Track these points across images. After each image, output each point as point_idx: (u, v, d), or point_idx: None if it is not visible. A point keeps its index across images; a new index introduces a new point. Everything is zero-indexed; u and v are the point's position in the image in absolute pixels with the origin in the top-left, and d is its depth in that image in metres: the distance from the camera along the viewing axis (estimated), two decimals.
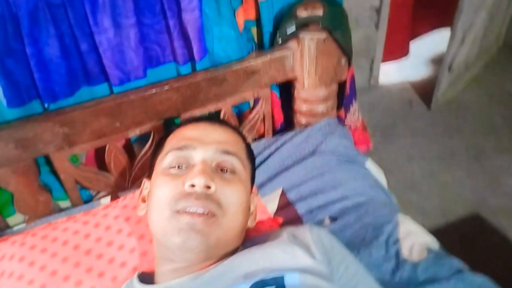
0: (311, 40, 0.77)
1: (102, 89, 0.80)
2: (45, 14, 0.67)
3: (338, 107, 0.93)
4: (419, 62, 2.21)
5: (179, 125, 0.65)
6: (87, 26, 0.72)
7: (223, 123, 0.65)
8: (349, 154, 0.87)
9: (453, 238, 1.33)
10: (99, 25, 0.72)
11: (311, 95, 0.86)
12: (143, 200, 0.63)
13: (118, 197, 0.79)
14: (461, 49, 1.78)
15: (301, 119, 0.91)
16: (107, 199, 0.82)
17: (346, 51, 0.80)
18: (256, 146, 0.85)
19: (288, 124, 0.98)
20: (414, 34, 2.21)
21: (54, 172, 0.79)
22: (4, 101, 0.71)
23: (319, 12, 0.74)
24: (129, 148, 0.87)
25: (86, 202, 0.83)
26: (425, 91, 1.97)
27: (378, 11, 1.78)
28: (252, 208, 0.63)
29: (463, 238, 1.33)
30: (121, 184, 0.83)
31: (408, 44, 2.12)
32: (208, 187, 0.53)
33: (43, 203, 0.77)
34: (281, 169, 0.85)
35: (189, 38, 0.78)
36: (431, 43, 2.29)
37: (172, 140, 0.61)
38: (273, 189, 0.80)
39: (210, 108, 0.83)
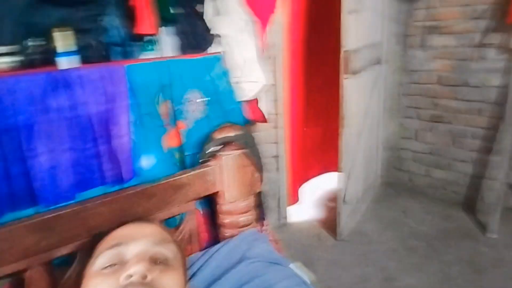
0: (228, 156, 0.98)
1: (27, 214, 0.84)
2: None
3: (259, 219, 1.10)
4: (319, 201, 2.60)
5: (106, 233, 0.72)
6: (20, 151, 0.82)
7: (149, 220, 0.76)
8: (274, 257, 0.99)
9: None
10: (32, 150, 0.83)
11: (232, 207, 1.03)
12: None
13: None
14: (349, 185, 2.20)
15: (224, 232, 1.04)
16: None
17: (258, 165, 1.03)
18: None
19: (213, 241, 1.08)
20: (307, 178, 2.67)
21: None
22: None
23: (232, 133, 0.98)
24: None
25: None
26: (330, 225, 2.28)
27: (277, 158, 2.19)
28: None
29: None
30: None
31: (298, 190, 2.54)
32: (145, 277, 0.58)
33: None
34: (212, 279, 0.92)
35: (117, 161, 0.93)
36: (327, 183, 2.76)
37: (102, 244, 0.68)
38: None
39: None
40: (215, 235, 1.07)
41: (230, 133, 0.98)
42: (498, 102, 2.19)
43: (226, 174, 0.99)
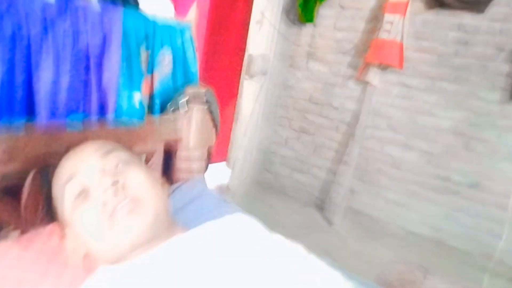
0: (197, 108, 1.20)
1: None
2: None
3: (205, 170, 1.32)
4: None
5: (54, 164, 0.76)
6: (28, 62, 0.89)
7: (85, 139, 0.79)
8: (222, 197, 1.24)
9: None
10: (38, 63, 0.90)
11: (190, 154, 1.24)
12: (75, 251, 0.73)
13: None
14: (232, 176, 2.55)
15: (179, 175, 1.24)
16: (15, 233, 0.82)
17: (216, 122, 1.27)
18: None
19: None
20: None
21: None
22: None
23: (202, 90, 1.21)
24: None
25: None
26: None
27: None
28: (157, 177, 0.81)
29: None
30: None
31: None
32: (116, 182, 0.66)
33: None
34: (175, 208, 1.11)
35: (104, 95, 1.05)
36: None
37: (56, 183, 0.73)
38: None
39: None
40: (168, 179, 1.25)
41: (201, 90, 1.20)
42: (351, 122, 2.89)
43: (192, 124, 1.20)
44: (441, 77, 2.54)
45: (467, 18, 2.42)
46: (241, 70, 2.35)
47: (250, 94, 2.60)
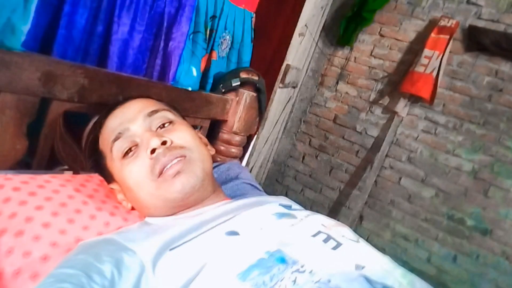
0: (247, 94, 1.23)
1: None
2: None
3: (242, 157, 1.35)
4: None
5: (100, 121, 0.76)
6: (111, 14, 0.93)
7: (133, 97, 0.79)
8: (256, 184, 1.26)
9: None
10: (120, 17, 0.94)
11: (231, 138, 1.26)
12: (122, 201, 0.76)
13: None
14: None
15: (217, 157, 1.26)
16: (69, 173, 0.85)
17: (262, 112, 1.30)
18: None
19: None
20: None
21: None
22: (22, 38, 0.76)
23: (256, 77, 1.24)
24: None
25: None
26: None
27: None
28: (204, 140, 0.82)
29: None
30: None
31: None
32: (164, 142, 0.66)
33: (17, 152, 0.74)
34: None
35: (168, 62, 1.08)
36: None
37: (103, 142, 0.73)
38: None
39: None
40: None
41: (254, 76, 1.24)
42: (372, 149, 2.91)
43: (240, 108, 1.23)
44: (470, 119, 2.57)
45: (505, 66, 2.46)
46: (276, 77, 2.39)
47: (279, 104, 2.64)
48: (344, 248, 0.58)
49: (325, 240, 0.60)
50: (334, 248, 0.58)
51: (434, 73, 2.52)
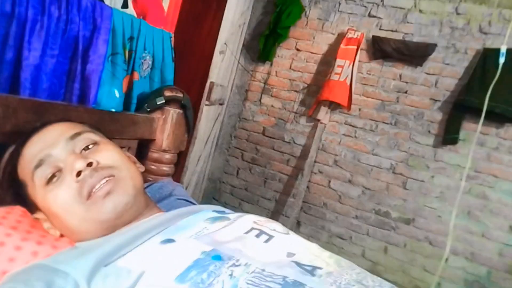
0: (174, 112, 1.24)
1: None
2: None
3: (173, 174, 1.34)
4: None
5: (17, 150, 0.72)
6: (21, 40, 0.89)
7: (52, 121, 0.75)
8: (191, 200, 1.26)
9: None
10: (30, 43, 0.91)
11: (161, 156, 1.25)
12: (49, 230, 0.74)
13: None
14: None
15: (149, 177, 1.24)
16: None
17: (190, 127, 1.31)
18: None
19: None
20: None
21: None
22: None
23: (180, 95, 1.25)
24: None
25: None
26: None
27: None
28: (132, 158, 0.81)
29: None
30: None
31: None
32: (90, 164, 0.64)
33: None
34: None
35: (87, 86, 1.06)
36: None
37: (23, 170, 0.69)
38: None
39: None
40: None
41: (179, 94, 1.25)
42: (301, 157, 3.03)
43: (169, 126, 1.23)
44: (383, 120, 2.79)
45: (407, 70, 2.72)
46: (202, 95, 2.42)
47: (208, 121, 2.66)
48: (276, 240, 0.61)
49: (258, 235, 0.62)
50: (266, 241, 0.61)
51: (348, 81, 2.71)
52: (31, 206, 0.72)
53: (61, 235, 0.72)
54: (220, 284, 0.49)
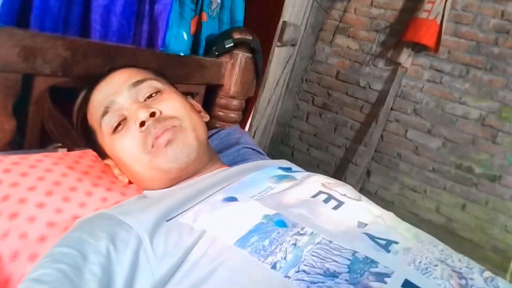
0: (242, 56, 1.19)
1: None
2: None
3: (241, 121, 1.32)
4: None
5: (86, 97, 0.74)
6: None
7: (117, 67, 0.76)
8: (257, 148, 1.24)
9: None
10: None
11: (228, 103, 1.23)
12: (118, 176, 0.75)
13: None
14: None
15: (216, 123, 1.24)
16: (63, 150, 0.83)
17: (259, 73, 1.26)
18: None
19: None
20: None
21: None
22: None
23: (250, 37, 1.19)
24: None
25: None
26: None
27: None
28: (197, 107, 0.81)
29: None
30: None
31: None
32: (153, 114, 0.64)
33: (6, 133, 0.72)
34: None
35: (155, 27, 1.04)
36: None
37: (92, 113, 0.71)
38: None
39: None
40: None
41: (248, 36, 1.19)
42: (376, 104, 2.86)
43: (235, 71, 1.19)
44: (476, 64, 2.49)
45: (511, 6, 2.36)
46: (273, 35, 2.31)
47: (279, 63, 2.57)
48: (346, 207, 0.57)
49: (326, 200, 0.58)
50: (335, 207, 0.56)
51: (438, 19, 2.42)
52: (101, 152, 0.74)
53: (130, 182, 0.75)
54: (282, 253, 0.46)
